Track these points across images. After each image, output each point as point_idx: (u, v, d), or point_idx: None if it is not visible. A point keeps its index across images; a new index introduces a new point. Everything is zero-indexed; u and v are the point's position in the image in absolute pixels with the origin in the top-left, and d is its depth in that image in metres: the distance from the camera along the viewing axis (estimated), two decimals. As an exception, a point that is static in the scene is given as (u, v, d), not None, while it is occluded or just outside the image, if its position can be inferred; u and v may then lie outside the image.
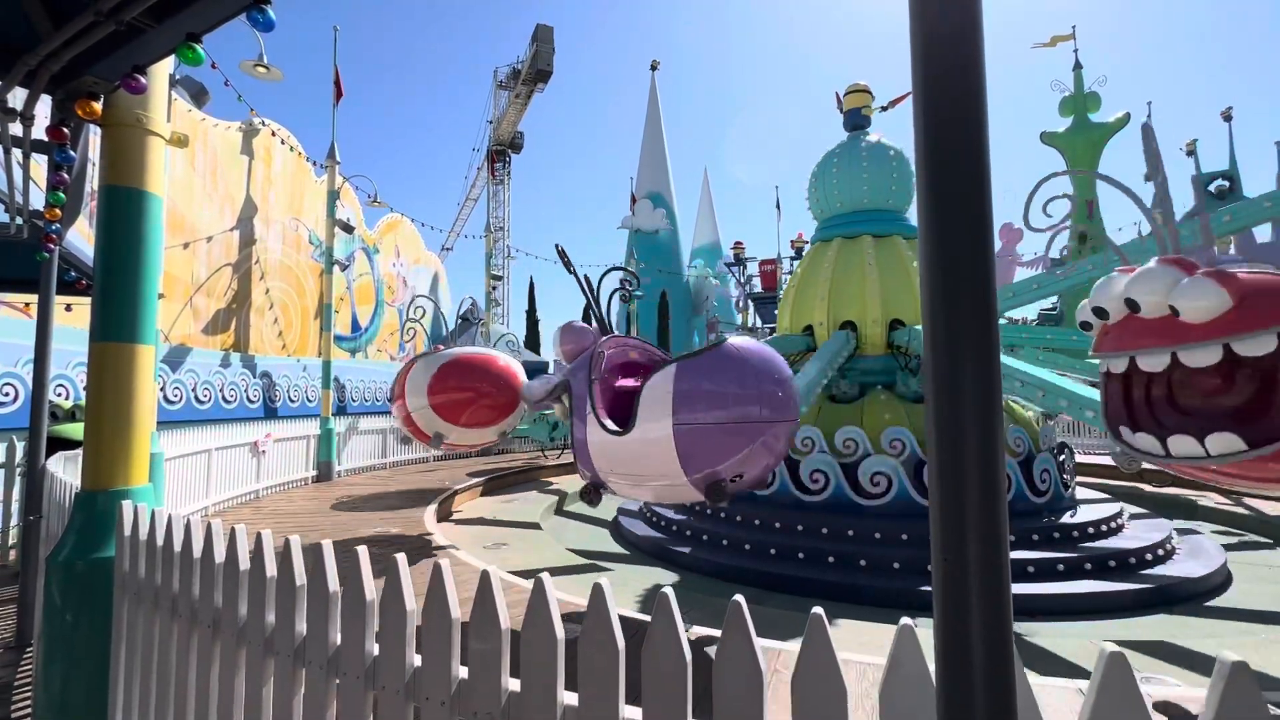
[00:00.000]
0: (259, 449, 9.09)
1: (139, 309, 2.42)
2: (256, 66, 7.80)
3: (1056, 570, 5.55)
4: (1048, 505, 6.74)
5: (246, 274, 11.99)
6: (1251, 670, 0.81)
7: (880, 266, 7.96)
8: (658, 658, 1.13)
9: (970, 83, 0.85)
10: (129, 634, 2.16)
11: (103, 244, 2.40)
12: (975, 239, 0.83)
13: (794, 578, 5.87)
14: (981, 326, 0.81)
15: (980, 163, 0.84)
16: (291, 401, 12.72)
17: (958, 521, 0.80)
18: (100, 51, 2.13)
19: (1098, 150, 17.46)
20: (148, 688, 2.04)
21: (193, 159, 10.66)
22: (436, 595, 1.36)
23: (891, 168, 8.35)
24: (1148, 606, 5.14)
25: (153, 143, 2.51)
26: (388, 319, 17.21)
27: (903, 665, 0.98)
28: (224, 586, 1.81)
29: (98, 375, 2.40)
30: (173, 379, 9.81)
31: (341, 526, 7.13)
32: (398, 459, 12.97)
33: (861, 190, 8.38)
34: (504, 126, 29.95)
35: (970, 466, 0.80)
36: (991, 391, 0.81)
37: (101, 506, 2.35)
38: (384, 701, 1.42)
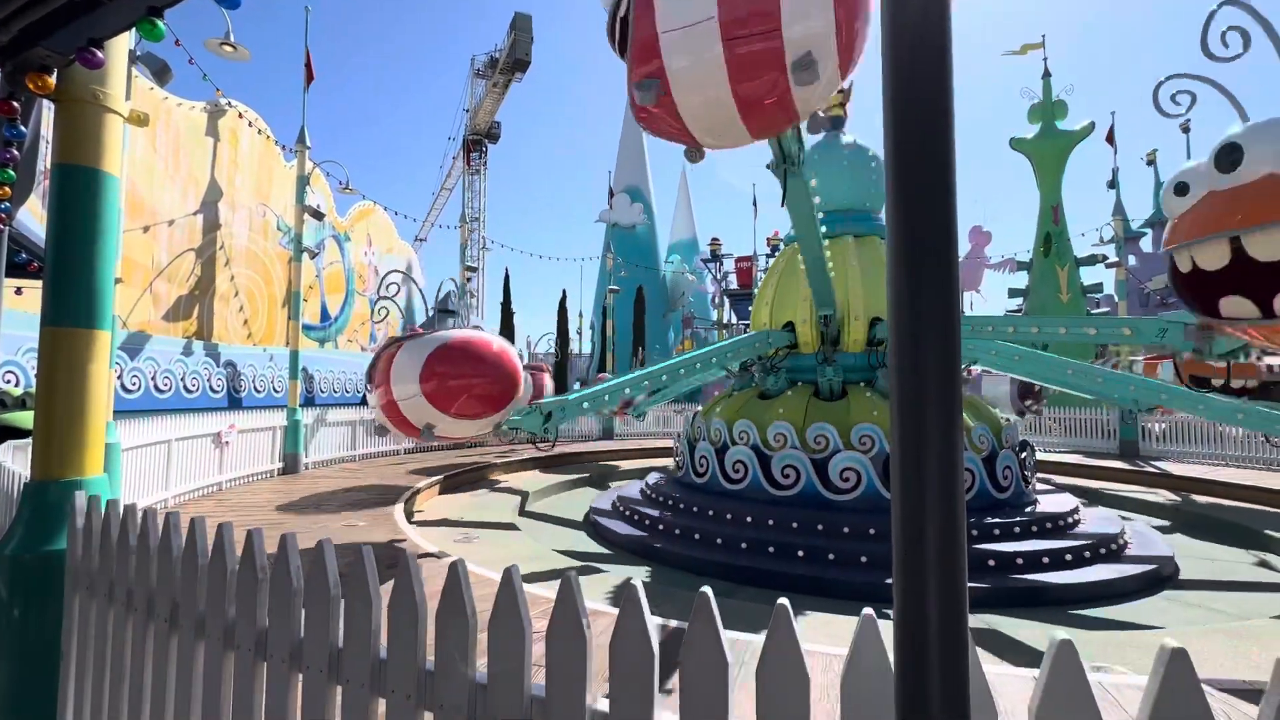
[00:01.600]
0: (222, 440, 8.85)
1: (93, 293, 2.33)
2: (223, 45, 7.55)
3: (1016, 564, 5.74)
4: (1009, 500, 6.94)
5: (211, 260, 11.64)
6: (1188, 657, 0.85)
7: (862, 266, 8.08)
8: (626, 648, 1.13)
9: (938, 86, 0.86)
10: (81, 629, 2.09)
11: (55, 225, 2.30)
12: (939, 239, 0.85)
13: (764, 571, 5.95)
14: (944, 326, 0.83)
15: (946, 161, 0.86)
16: (257, 391, 12.41)
17: (917, 515, 0.82)
18: (54, 23, 2.04)
19: (1064, 156, 17.98)
20: (101, 683, 1.97)
21: (154, 139, 10.28)
22: (403, 587, 1.34)
23: (871, 169, 8.50)
24: (1105, 597, 5.36)
25: (110, 120, 2.41)
26: (359, 308, 16.89)
27: (864, 656, 1.00)
28: (182, 579, 1.76)
29: (49, 362, 2.31)
30: (131, 367, 9.48)
31: (308, 520, 6.99)
32: (368, 451, 12.75)
33: (842, 191, 8.50)
34: (481, 116, 29.55)
35: (930, 461, 0.82)
36: (952, 389, 0.83)
37: (53, 497, 2.26)
38: (349, 695, 1.40)
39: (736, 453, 7.36)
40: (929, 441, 0.82)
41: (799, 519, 6.54)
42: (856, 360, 7.98)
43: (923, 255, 0.84)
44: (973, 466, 6.86)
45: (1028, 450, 7.60)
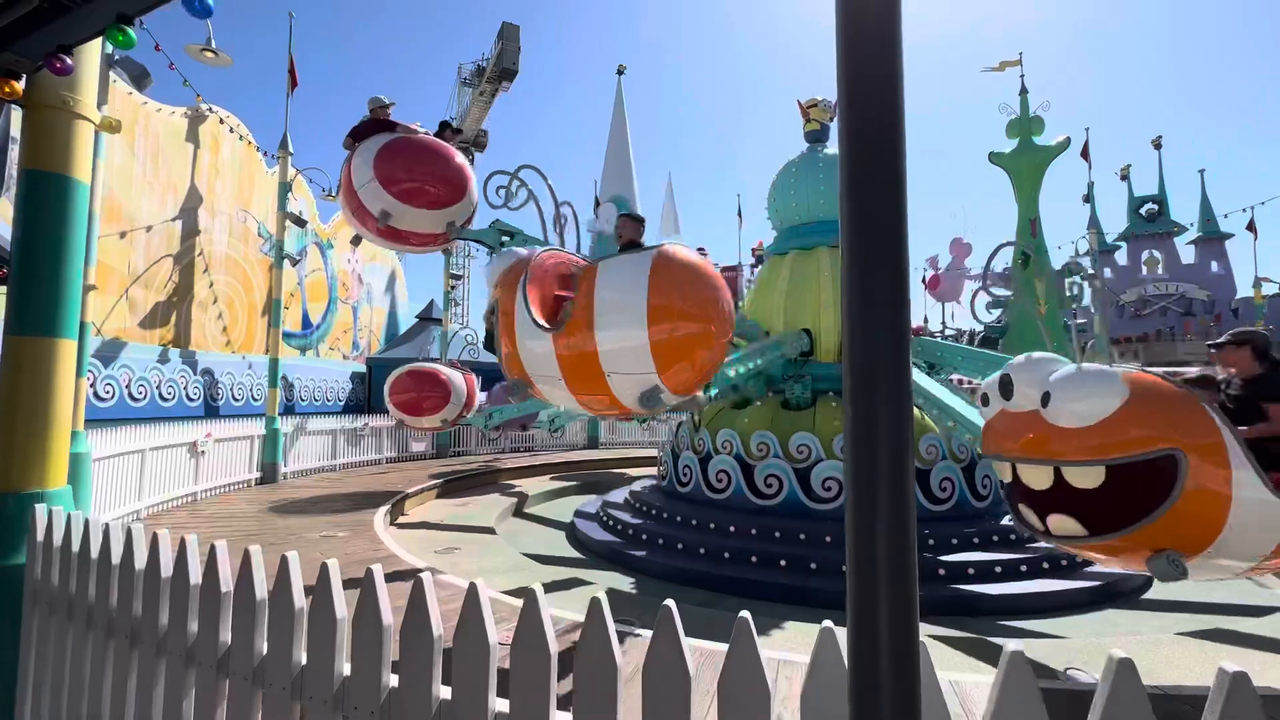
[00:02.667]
0: (197, 449, 8.69)
1: (59, 302, 2.29)
2: (204, 51, 7.49)
3: (995, 572, 5.79)
4: (989, 509, 7.02)
5: (189, 266, 11.47)
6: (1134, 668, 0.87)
7: (835, 277, 8.17)
8: (589, 663, 1.13)
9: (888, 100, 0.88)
10: (40, 645, 2.03)
11: (20, 232, 2.26)
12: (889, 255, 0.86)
13: (747, 580, 5.95)
14: (894, 336, 0.85)
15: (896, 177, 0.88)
16: (235, 400, 12.21)
17: (869, 525, 0.83)
18: (20, 28, 2.01)
19: (1040, 172, 18.37)
20: (59, 702, 1.92)
21: (133, 144, 10.14)
22: (367, 604, 1.33)
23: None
24: (1094, 603, 5.43)
25: (80, 126, 2.38)
26: (341, 316, 16.72)
27: (823, 667, 1.01)
28: (144, 595, 1.72)
29: (13, 371, 2.26)
30: (104, 374, 9.30)
31: (283, 531, 6.87)
32: (349, 460, 12.58)
33: (819, 202, 8.58)
34: (468, 124, 29.52)
35: (881, 470, 0.83)
36: (902, 400, 0.84)
37: (12, 510, 2.21)
38: (311, 712, 1.38)
39: (720, 462, 7.37)
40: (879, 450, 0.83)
41: (781, 528, 6.56)
42: (825, 370, 8.04)
43: (874, 265, 0.86)
44: (952, 475, 6.93)
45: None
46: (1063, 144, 18.02)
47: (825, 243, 8.54)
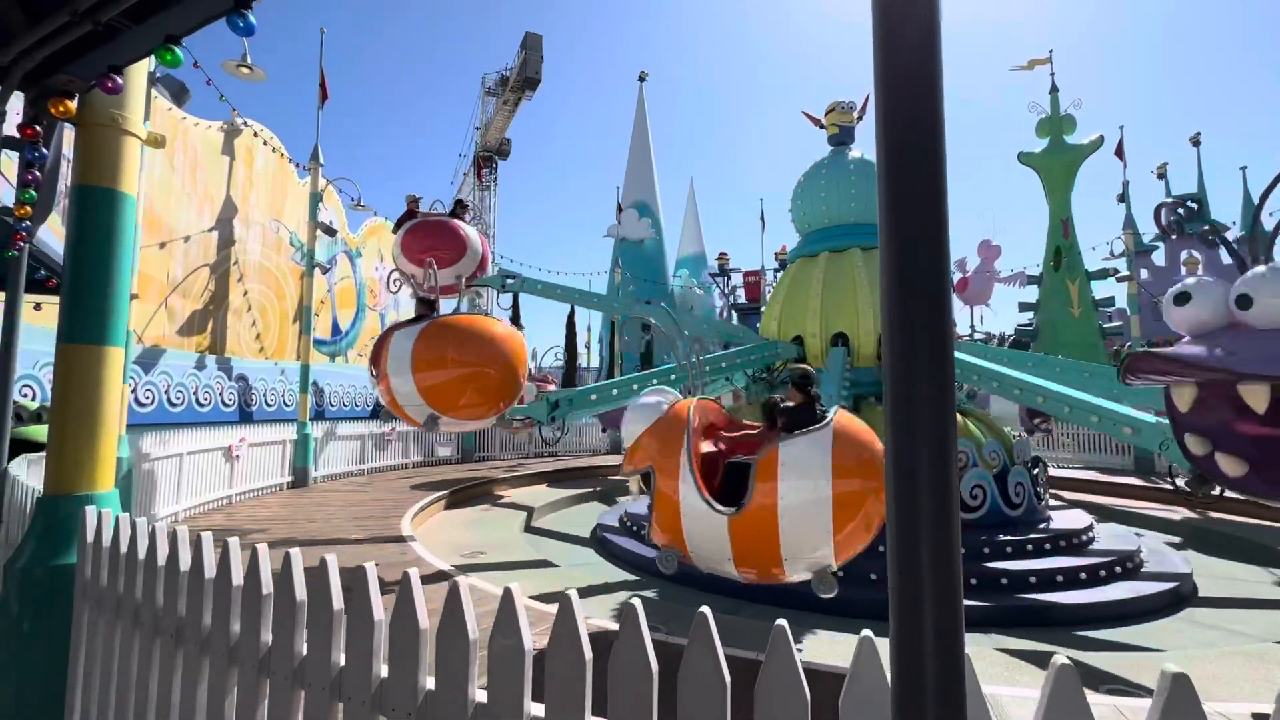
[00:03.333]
0: (233, 453, 8.92)
1: (109, 311, 2.38)
2: (240, 67, 7.73)
3: (1057, 580, 5.66)
4: (1022, 518, 6.84)
5: (225, 275, 11.81)
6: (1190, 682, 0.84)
7: (871, 279, 8.04)
8: (624, 669, 1.13)
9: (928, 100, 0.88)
10: (88, 643, 2.10)
11: (73, 244, 2.36)
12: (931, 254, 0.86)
13: (774, 589, 5.87)
14: (936, 340, 0.84)
15: (937, 177, 0.87)
16: (268, 405, 12.51)
17: (911, 535, 0.82)
18: (76, 50, 2.11)
19: (1073, 171, 17.95)
20: (106, 698, 1.98)
21: (172, 158, 10.50)
22: (405, 607, 1.35)
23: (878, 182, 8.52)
24: (1120, 617, 5.25)
25: (128, 143, 2.48)
26: (369, 323, 17.03)
27: (862, 677, 0.99)
28: (188, 595, 1.77)
29: (64, 378, 2.35)
30: (145, 380, 9.60)
31: (315, 534, 7.01)
32: (376, 465, 12.80)
33: (849, 205, 8.49)
34: (491, 133, 29.96)
35: (923, 480, 0.82)
36: (945, 408, 0.83)
37: (64, 512, 2.30)
38: (350, 712, 1.41)
39: (744, 468, 7.32)
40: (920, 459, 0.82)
41: (807, 535, 6.47)
42: (864, 375, 7.92)
43: (915, 275, 0.85)
44: (984, 483, 6.77)
45: (1040, 466, 7.51)
46: (1096, 142, 17.59)
47: (860, 244, 8.44)
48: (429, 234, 6.64)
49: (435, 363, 4.89)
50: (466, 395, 5.00)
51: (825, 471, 3.00)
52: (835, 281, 8.23)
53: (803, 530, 3.03)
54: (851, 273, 8.18)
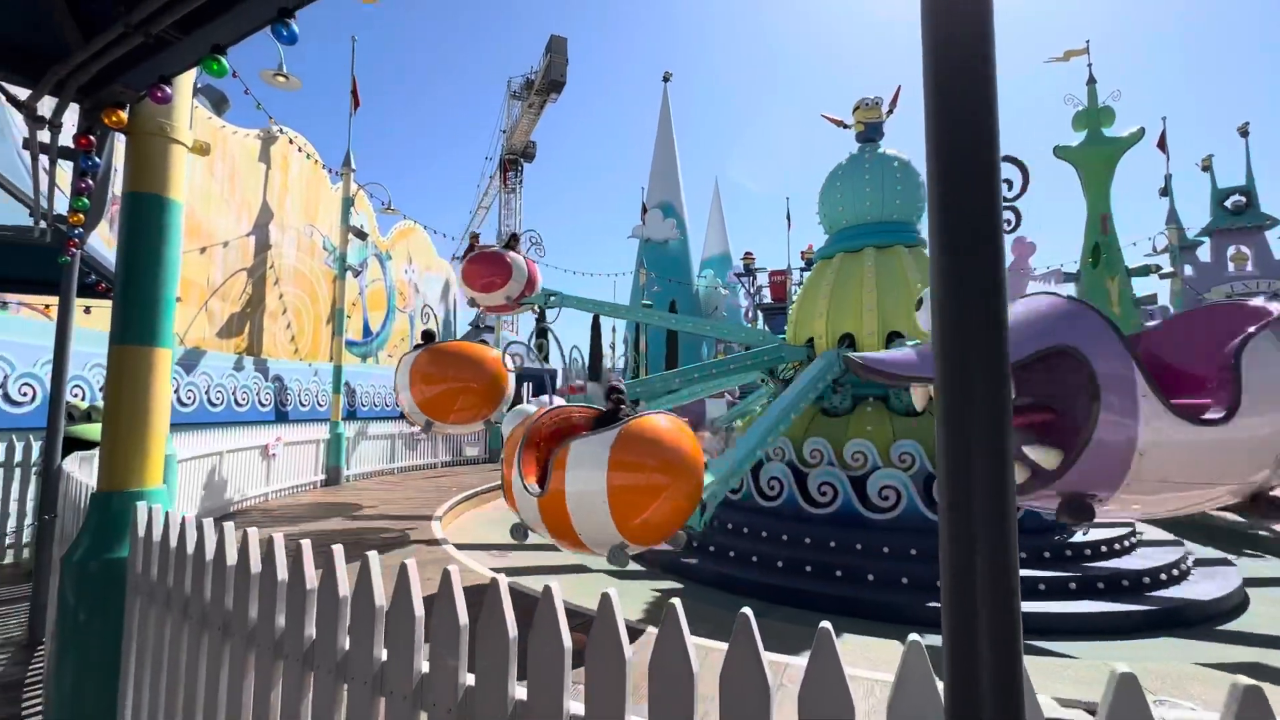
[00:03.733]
0: (269, 452, 9.17)
1: (158, 313, 2.46)
2: (276, 76, 7.95)
3: (1067, 589, 5.48)
4: (1058, 523, 6.65)
5: (261, 279, 12.14)
6: (1263, 696, 0.80)
7: (879, 279, 7.90)
8: (665, 669, 1.13)
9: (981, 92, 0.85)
10: (140, 634, 2.18)
11: (124, 249, 2.45)
12: (985, 251, 0.83)
13: (800, 590, 5.82)
14: (992, 340, 0.82)
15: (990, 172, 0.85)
16: (302, 405, 12.82)
17: (966, 540, 0.80)
18: (128, 62, 2.18)
19: (1111, 165, 17.38)
20: (158, 688, 2.05)
21: (212, 166, 10.83)
22: (445, 603, 1.37)
23: (896, 178, 8.28)
24: (1157, 628, 5.06)
25: (175, 150, 2.56)
26: (399, 325, 17.34)
27: (910, 683, 0.97)
28: (235, 590, 1.82)
29: (116, 378, 2.44)
30: (186, 381, 9.92)
31: (349, 531, 7.16)
32: (405, 464, 13.02)
33: (864, 204, 8.35)
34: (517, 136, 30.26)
35: (978, 483, 0.80)
36: (1001, 407, 0.81)
37: (116, 507, 2.38)
38: (391, 707, 1.43)
39: (771, 468, 7.26)
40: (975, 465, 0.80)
41: (836, 537, 6.40)
42: None
43: (968, 272, 0.83)
44: (1019, 486, 6.60)
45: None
46: (1136, 135, 17.01)
47: (872, 243, 8.30)
48: (484, 263, 8.15)
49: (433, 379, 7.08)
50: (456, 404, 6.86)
51: (601, 466, 3.45)
52: (844, 283, 8.11)
53: (587, 514, 3.49)
54: (860, 273, 8.04)
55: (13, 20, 2.30)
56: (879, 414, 7.36)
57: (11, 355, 7.06)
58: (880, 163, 8.37)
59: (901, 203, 8.31)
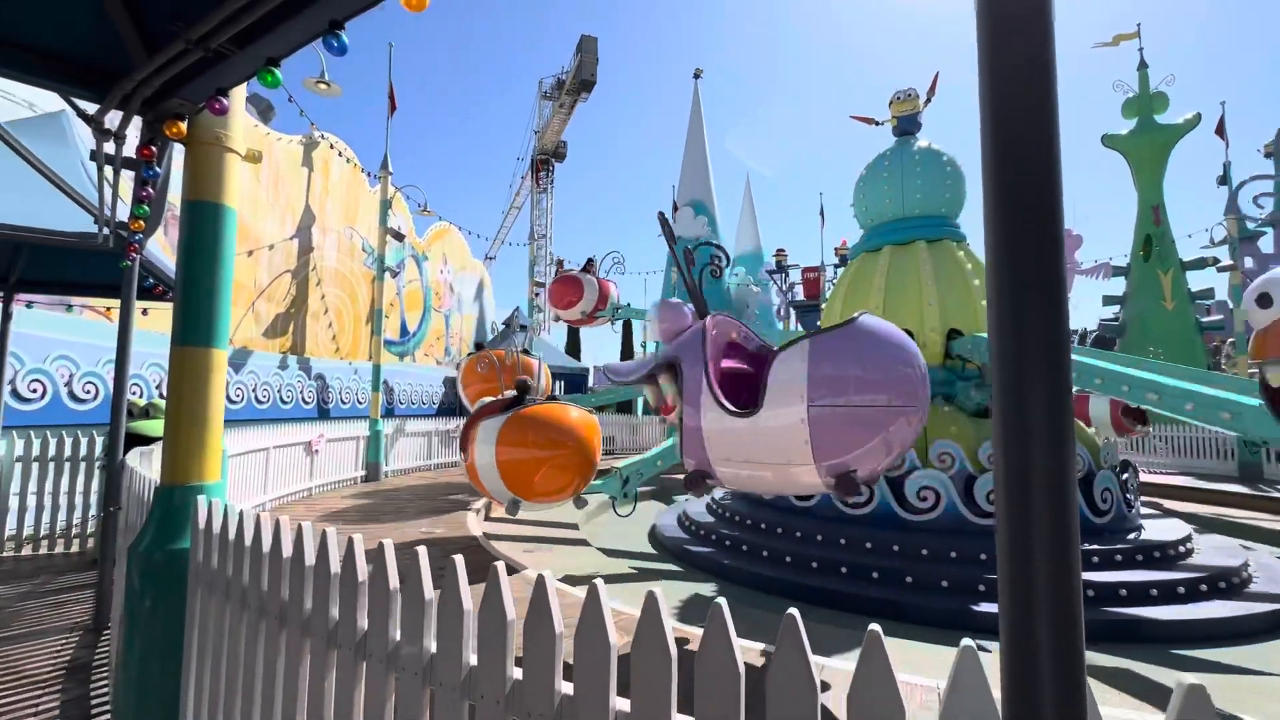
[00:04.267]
0: (313, 448, 9.47)
1: (215, 315, 2.58)
2: (319, 83, 8.19)
3: (1150, 594, 5.30)
4: (1109, 525, 6.42)
5: (304, 280, 12.54)
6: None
7: (936, 274, 7.72)
8: (711, 668, 1.14)
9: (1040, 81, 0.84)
10: (201, 622, 2.29)
11: (184, 254, 2.57)
12: (1044, 245, 0.82)
13: (835, 592, 5.75)
14: (1052, 334, 0.80)
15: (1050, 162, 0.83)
16: (343, 403, 13.21)
17: (1024, 542, 0.78)
18: (188, 76, 2.29)
19: (1164, 153, 16.63)
20: (218, 673, 2.15)
21: (258, 172, 11.24)
22: (492, 597, 1.40)
23: (945, 173, 8.11)
24: (1222, 636, 4.84)
25: (230, 159, 2.67)
26: (435, 324, 17.71)
27: (964, 690, 0.96)
28: (290, 580, 1.90)
29: (177, 377, 2.56)
30: (235, 380, 10.33)
31: (390, 525, 7.35)
32: (442, 461, 13.30)
33: (914, 197, 8.17)
34: (548, 136, 30.54)
35: (1038, 484, 0.78)
36: (1062, 406, 0.79)
37: (178, 500, 2.50)
38: (440, 697, 1.47)
39: (806, 469, 7.17)
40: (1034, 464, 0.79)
41: (873, 539, 6.29)
42: (932, 374, 7.59)
43: (1026, 269, 0.81)
44: (1066, 488, 6.38)
45: (1129, 471, 7.01)
46: (1192, 121, 16.23)
47: (924, 237, 8.11)
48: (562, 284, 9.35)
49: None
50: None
51: (492, 442, 4.23)
52: (899, 277, 7.91)
53: (490, 480, 4.38)
54: (916, 267, 7.85)
55: (83, 40, 2.43)
56: (942, 413, 7.20)
57: (76, 355, 7.45)
58: (928, 157, 8.18)
59: (950, 197, 8.12)
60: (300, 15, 1.85)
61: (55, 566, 5.54)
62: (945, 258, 7.86)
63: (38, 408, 7.01)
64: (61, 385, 7.27)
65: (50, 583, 5.06)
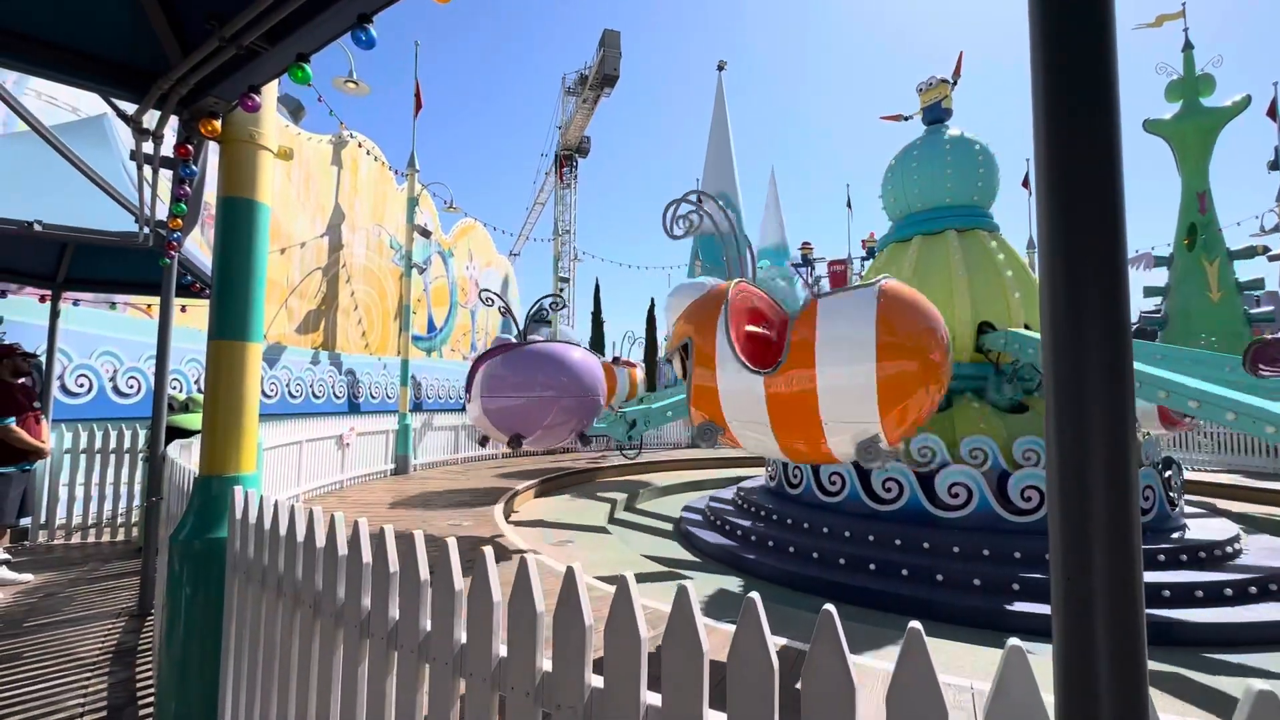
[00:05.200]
0: (344, 442, 9.67)
1: (249, 309, 2.63)
2: (347, 82, 8.30)
3: (1195, 596, 5.12)
4: (1151, 525, 6.20)
5: (334, 277, 12.79)
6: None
7: (968, 264, 7.53)
8: (744, 663, 1.11)
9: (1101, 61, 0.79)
10: (239, 609, 2.34)
11: (220, 250, 2.62)
12: (1106, 233, 0.77)
13: (864, 589, 5.67)
14: (1111, 325, 0.76)
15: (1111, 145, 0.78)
16: (373, 398, 13.46)
17: (1082, 538, 0.74)
18: (221, 74, 2.33)
19: (1211, 138, 15.93)
20: (255, 659, 2.20)
21: (290, 171, 11.47)
22: (522, 589, 1.40)
23: (977, 163, 7.90)
24: (1266, 642, 4.64)
25: (263, 156, 2.72)
26: (461, 320, 17.91)
27: (1011, 692, 0.92)
28: (324, 570, 1.93)
29: (214, 370, 2.62)
30: (269, 375, 10.59)
31: (418, 517, 7.47)
32: (469, 455, 13.46)
33: (945, 187, 7.98)
34: (571, 131, 30.56)
35: (1097, 479, 0.74)
36: (1124, 397, 0.75)
37: (216, 491, 2.56)
38: (471, 688, 1.48)
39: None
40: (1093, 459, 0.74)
41: (902, 536, 6.18)
42: (962, 369, 7.42)
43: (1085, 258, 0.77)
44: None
45: (1173, 468, 6.76)
46: (1241, 104, 15.51)
47: (949, 226, 7.92)
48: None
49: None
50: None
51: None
52: (928, 268, 7.73)
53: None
54: (946, 257, 7.66)
55: (122, 41, 2.49)
56: (972, 410, 7.04)
57: (120, 351, 7.72)
58: (960, 145, 7.97)
59: (983, 185, 7.92)
60: (329, 9, 1.86)
61: (102, 554, 5.76)
62: (977, 248, 7.66)
63: (84, 402, 7.28)
64: (106, 380, 7.54)
65: (98, 570, 5.25)
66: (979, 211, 8.04)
